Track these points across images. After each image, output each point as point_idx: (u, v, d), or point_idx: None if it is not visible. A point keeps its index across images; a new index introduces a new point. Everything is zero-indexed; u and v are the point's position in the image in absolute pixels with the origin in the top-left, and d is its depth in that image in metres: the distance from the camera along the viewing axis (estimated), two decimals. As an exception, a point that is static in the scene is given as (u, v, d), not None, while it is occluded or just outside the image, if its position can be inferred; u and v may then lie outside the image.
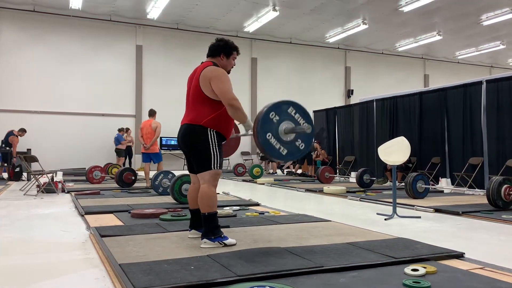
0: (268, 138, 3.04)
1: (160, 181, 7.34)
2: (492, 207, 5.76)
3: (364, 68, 20.58)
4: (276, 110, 3.08)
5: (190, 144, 3.45)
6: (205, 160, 3.36)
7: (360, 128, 11.51)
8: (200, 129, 3.38)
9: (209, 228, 3.35)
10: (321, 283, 2.50)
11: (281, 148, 3.08)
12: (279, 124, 3.08)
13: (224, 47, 3.56)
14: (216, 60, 3.55)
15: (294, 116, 3.11)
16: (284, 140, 3.09)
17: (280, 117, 3.08)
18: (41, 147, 14.46)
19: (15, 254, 3.36)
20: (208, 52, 3.60)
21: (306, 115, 3.19)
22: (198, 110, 3.42)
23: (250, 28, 16.97)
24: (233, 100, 3.27)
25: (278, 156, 3.09)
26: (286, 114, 3.11)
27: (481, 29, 17.14)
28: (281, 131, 3.08)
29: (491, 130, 8.05)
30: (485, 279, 2.58)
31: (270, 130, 3.06)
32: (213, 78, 3.33)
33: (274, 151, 3.08)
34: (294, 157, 3.18)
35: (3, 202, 6.61)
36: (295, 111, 3.12)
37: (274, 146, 3.06)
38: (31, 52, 15.21)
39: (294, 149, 3.14)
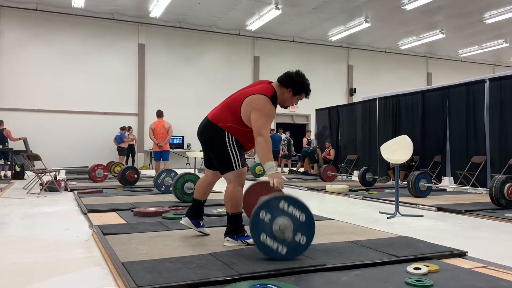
0: (263, 239, 2.85)
1: (163, 180, 7.36)
2: (495, 205, 5.74)
3: (367, 66, 20.54)
4: (266, 208, 2.87)
5: (207, 141, 3.40)
6: (226, 160, 3.30)
7: (362, 127, 11.49)
8: (217, 128, 3.32)
9: (233, 227, 3.34)
10: (324, 281, 2.50)
11: (279, 247, 2.86)
12: (272, 223, 2.86)
13: (298, 84, 3.31)
14: (280, 89, 3.33)
15: (288, 210, 2.87)
16: (280, 237, 2.86)
17: (271, 215, 2.86)
18: (43, 145, 14.51)
19: (18, 253, 3.37)
20: (282, 76, 3.35)
21: (299, 205, 2.90)
22: (225, 114, 3.33)
23: (253, 26, 16.95)
24: (266, 134, 3.09)
25: (279, 256, 2.86)
26: (278, 210, 2.87)
27: (484, 27, 17.08)
28: (276, 230, 2.86)
29: (494, 128, 8.03)
30: (488, 278, 2.57)
31: (263, 231, 2.86)
32: (255, 109, 3.17)
33: (272, 252, 2.86)
34: (297, 253, 2.88)
35: (6, 201, 6.63)
36: (287, 204, 2.88)
37: (271, 247, 2.85)
38: (34, 51, 15.24)
39: (295, 245, 2.88)
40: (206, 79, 17.55)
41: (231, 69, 18.03)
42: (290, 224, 2.88)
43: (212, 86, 17.58)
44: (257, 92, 3.26)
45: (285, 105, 3.44)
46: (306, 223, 2.91)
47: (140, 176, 9.19)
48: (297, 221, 2.89)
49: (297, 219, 2.89)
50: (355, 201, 6.93)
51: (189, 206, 3.75)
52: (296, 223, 2.89)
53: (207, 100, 17.40)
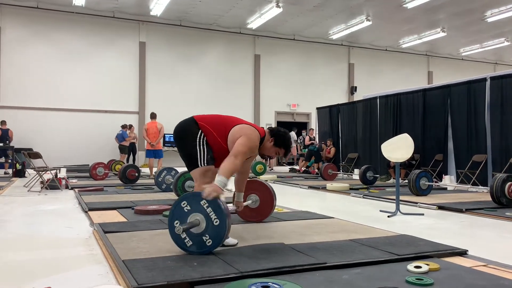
0: (176, 225, 2.97)
1: (164, 178, 7.36)
2: (495, 204, 5.74)
3: (368, 65, 20.51)
4: (189, 200, 2.98)
5: (179, 137, 3.43)
6: (192, 157, 3.32)
7: (363, 125, 11.48)
8: (194, 124, 3.37)
9: None
10: (324, 279, 2.50)
11: (187, 238, 2.97)
12: (189, 215, 2.97)
13: (281, 136, 3.48)
14: (266, 137, 3.48)
15: (206, 209, 2.96)
16: (192, 232, 2.97)
17: (191, 207, 2.98)
18: (44, 143, 14.52)
19: (19, 250, 3.38)
20: (272, 127, 3.59)
21: (219, 210, 2.95)
22: (212, 120, 3.42)
23: (253, 24, 16.94)
24: (238, 159, 3.17)
25: (182, 245, 2.99)
26: (199, 207, 2.96)
27: (485, 25, 17.05)
28: (189, 222, 2.96)
29: (495, 127, 8.02)
30: (488, 276, 2.57)
31: (178, 218, 2.99)
32: (244, 136, 3.28)
33: (179, 240, 2.98)
34: (201, 251, 2.98)
35: (7, 198, 6.64)
36: (207, 204, 2.96)
37: (179, 235, 2.97)
38: (34, 49, 15.24)
39: (201, 243, 2.97)
40: (207, 77, 17.54)
41: (232, 67, 18.02)
42: (203, 223, 2.96)
43: (213, 84, 17.58)
44: (255, 127, 3.44)
45: (263, 152, 3.55)
46: (217, 227, 2.95)
47: (141, 174, 9.20)
48: (211, 223, 2.95)
49: (211, 222, 2.95)
50: (356, 199, 6.94)
51: None
52: (209, 225, 2.95)
53: (208, 98, 17.43)
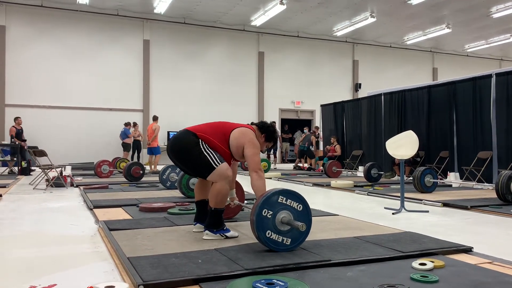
0: (269, 236, 2.95)
1: (168, 175, 7.38)
2: (501, 201, 5.72)
3: (372, 61, 20.43)
4: (267, 206, 2.96)
5: (180, 152, 3.44)
6: (204, 164, 3.36)
7: (368, 122, 11.45)
8: (192, 136, 3.41)
9: (214, 222, 3.41)
10: (329, 276, 2.50)
11: (285, 239, 2.98)
12: (275, 218, 2.97)
13: (271, 133, 3.71)
14: (257, 134, 3.64)
15: (286, 202, 3.00)
16: (284, 231, 2.98)
17: (273, 210, 2.97)
18: (49, 141, 14.58)
19: (25, 247, 3.40)
20: (259, 122, 3.80)
21: (296, 197, 3.05)
22: (208, 130, 3.48)
23: (257, 21, 16.90)
24: (261, 170, 3.36)
25: (285, 248, 2.97)
26: (278, 205, 2.98)
27: (491, 21, 16.92)
28: (279, 223, 2.97)
29: (500, 123, 7.97)
30: (494, 274, 2.56)
31: (268, 228, 2.95)
32: (250, 142, 3.44)
33: (279, 245, 2.97)
34: (299, 242, 3.04)
35: (13, 196, 6.68)
36: (285, 198, 3.00)
37: (277, 241, 2.96)
38: (39, 47, 15.29)
39: (297, 234, 3.02)
40: (211, 74, 17.54)
41: (235, 64, 18.00)
42: (290, 216, 3.01)
43: (217, 82, 17.58)
44: (247, 127, 3.60)
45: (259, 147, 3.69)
46: (303, 211, 3.06)
47: (145, 172, 9.22)
48: (296, 212, 3.03)
49: (295, 210, 3.03)
50: (360, 196, 6.93)
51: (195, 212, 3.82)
52: (295, 214, 3.03)
53: (212, 96, 17.43)
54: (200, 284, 2.38)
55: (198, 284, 2.38)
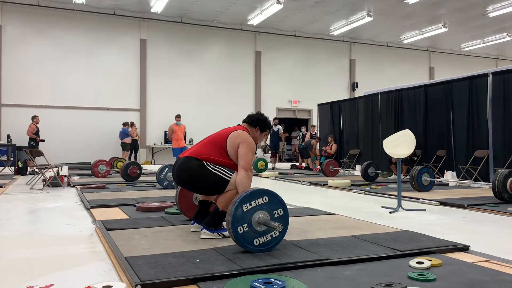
0: (240, 231, 2.91)
1: (165, 175, 7.37)
2: (497, 200, 5.74)
3: (369, 60, 20.46)
4: (248, 201, 2.95)
5: (189, 177, 3.44)
6: (217, 182, 3.36)
7: (365, 121, 11.47)
8: (197, 162, 3.41)
9: (213, 221, 3.40)
10: (326, 275, 2.50)
11: (255, 240, 2.94)
12: (252, 215, 2.94)
13: (263, 122, 3.74)
14: (250, 130, 3.68)
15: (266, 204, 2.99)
16: (258, 230, 2.95)
17: (253, 208, 2.96)
18: (46, 141, 14.51)
19: (22, 248, 3.39)
20: (247, 118, 3.76)
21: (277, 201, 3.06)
22: (206, 150, 3.47)
23: (254, 21, 16.89)
24: (250, 170, 3.38)
25: (253, 248, 2.94)
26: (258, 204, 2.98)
27: (487, 20, 16.98)
28: (255, 222, 2.95)
29: (497, 122, 8.00)
30: (491, 272, 2.57)
31: (243, 222, 2.93)
32: (244, 142, 3.43)
33: (247, 243, 2.92)
34: (267, 248, 2.98)
35: (10, 196, 6.66)
36: (267, 197, 3.00)
37: (247, 238, 2.92)
38: (35, 47, 15.23)
39: (269, 239, 2.99)
40: (208, 74, 17.52)
41: (233, 64, 17.99)
42: (268, 217, 2.99)
43: (214, 81, 17.56)
44: (239, 129, 3.58)
45: (256, 142, 3.74)
46: (282, 217, 3.05)
47: (142, 172, 9.21)
48: (272, 216, 3.01)
49: (272, 214, 3.01)
50: (358, 195, 6.94)
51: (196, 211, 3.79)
52: (272, 218, 3.01)
53: (209, 95, 17.41)
54: (197, 283, 2.38)
55: (196, 284, 2.38)
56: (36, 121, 12.29)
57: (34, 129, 12.17)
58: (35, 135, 12.13)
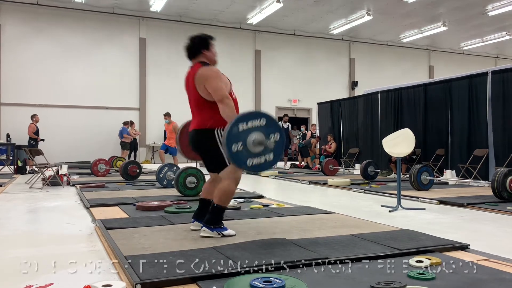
0: (251, 164, 2.92)
1: (165, 174, 7.37)
2: (497, 198, 5.74)
3: (369, 59, 20.47)
4: (232, 141, 2.93)
5: (202, 147, 3.50)
6: (221, 161, 3.39)
7: (364, 120, 11.47)
8: (207, 133, 3.40)
9: (212, 218, 3.39)
10: (326, 274, 2.50)
11: (267, 157, 2.96)
12: (246, 146, 2.93)
13: (201, 42, 3.58)
14: (201, 58, 3.56)
15: (248, 125, 2.96)
16: (262, 151, 2.95)
17: (241, 140, 2.94)
18: (45, 140, 14.52)
19: (22, 247, 3.39)
20: (189, 55, 3.61)
21: (254, 115, 3.03)
22: (202, 115, 3.46)
23: (254, 20, 16.89)
24: (226, 98, 3.26)
25: (271, 164, 2.97)
26: (242, 134, 2.96)
27: (486, 19, 16.99)
28: (253, 148, 2.95)
29: (496, 121, 8.00)
30: (490, 271, 2.57)
31: (247, 157, 2.93)
32: (208, 78, 3.35)
33: (265, 165, 2.96)
34: (281, 152, 3.02)
35: (9, 195, 6.65)
36: (245, 123, 2.96)
37: (261, 163, 2.94)
38: (35, 46, 15.22)
39: (263, 162, 3.00)
40: (208, 73, 17.50)
41: (232, 63, 17.97)
42: (259, 135, 2.98)
43: (214, 80, 17.54)
44: (195, 71, 3.46)
45: (214, 60, 3.67)
46: (268, 124, 3.04)
47: (142, 171, 9.21)
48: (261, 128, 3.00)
49: (261, 127, 3.00)
50: (357, 194, 6.94)
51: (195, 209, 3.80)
52: (263, 130, 3.00)
53: (209, 94, 17.40)
54: (197, 282, 2.37)
55: (196, 283, 2.38)
56: (35, 120, 12.30)
57: (34, 128, 12.18)
58: (35, 135, 12.14)
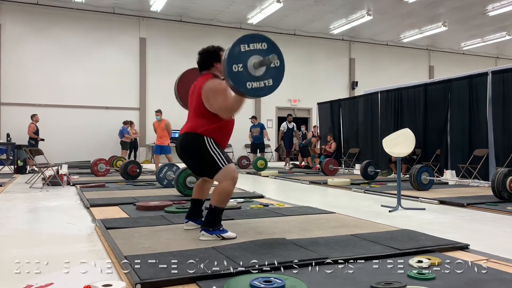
0: (250, 87, 2.92)
1: (165, 174, 7.37)
2: (497, 198, 5.74)
3: (369, 59, 20.46)
4: (233, 61, 2.90)
5: (188, 152, 3.45)
6: (211, 163, 3.35)
7: (364, 120, 11.46)
8: (197, 136, 3.37)
9: (210, 220, 3.37)
10: (326, 274, 2.50)
11: (266, 82, 2.95)
12: (247, 67, 2.92)
13: (212, 54, 3.49)
14: (213, 71, 3.49)
15: (250, 47, 2.95)
16: (261, 75, 2.95)
17: (242, 62, 2.92)
18: (45, 140, 14.53)
19: (22, 246, 3.39)
20: (201, 68, 3.54)
21: (256, 38, 3.02)
22: (197, 120, 3.42)
23: (254, 20, 16.89)
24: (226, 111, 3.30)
25: (270, 89, 2.97)
26: (243, 54, 2.94)
27: (486, 19, 16.98)
28: (253, 70, 2.94)
29: (497, 121, 8.00)
30: (490, 271, 2.57)
31: (246, 80, 2.92)
32: (216, 93, 3.29)
33: (264, 90, 2.96)
34: (281, 77, 3.01)
35: (9, 195, 6.65)
36: (246, 45, 2.94)
37: (260, 87, 2.94)
38: (35, 45, 15.22)
39: (274, 71, 3.00)
40: (208, 73, 17.49)
41: (232, 62, 17.97)
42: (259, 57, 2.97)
43: (214, 80, 17.54)
44: (205, 80, 3.38)
45: None
46: (269, 48, 3.02)
47: (142, 171, 9.21)
48: (263, 52, 2.99)
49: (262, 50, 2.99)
50: (357, 194, 6.94)
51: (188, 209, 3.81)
52: (264, 54, 2.99)
53: (209, 94, 17.38)
54: (197, 282, 2.37)
55: (196, 283, 2.38)
56: (35, 119, 12.30)
57: (34, 128, 12.18)
58: (35, 135, 12.15)
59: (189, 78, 3.92)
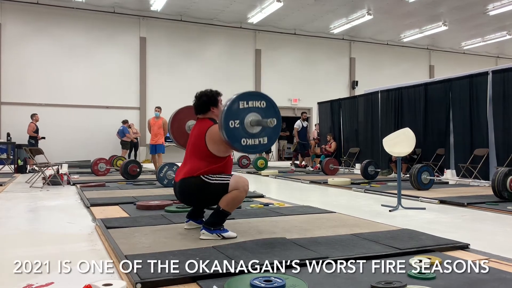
0: (245, 144, 2.95)
1: (165, 173, 7.37)
2: (497, 198, 5.73)
3: (369, 59, 20.45)
4: (231, 117, 2.94)
5: (191, 196, 3.45)
6: (219, 191, 3.34)
7: (364, 120, 11.45)
8: (194, 180, 3.36)
9: (214, 221, 3.37)
10: (326, 273, 2.50)
11: (261, 140, 2.99)
12: (243, 124, 2.96)
13: (210, 99, 3.48)
14: (210, 115, 3.49)
15: (249, 105, 2.98)
16: (257, 133, 2.98)
17: (239, 118, 2.96)
18: (46, 139, 14.52)
19: (22, 246, 3.39)
20: (197, 111, 3.52)
21: (256, 96, 3.06)
22: (195, 162, 3.40)
23: (254, 19, 16.88)
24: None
25: (264, 147, 3.01)
26: (241, 111, 2.98)
27: (487, 19, 16.97)
28: (249, 127, 2.97)
29: (497, 121, 7.99)
30: (490, 270, 2.57)
31: (241, 137, 2.95)
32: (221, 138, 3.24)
33: (258, 147, 3.00)
34: (253, 151, 3.06)
35: (9, 194, 6.66)
36: (245, 101, 2.98)
37: (255, 144, 2.98)
38: (35, 45, 15.22)
39: (270, 131, 3.04)
40: (208, 72, 17.50)
41: (232, 62, 17.98)
42: (257, 116, 3.02)
43: (214, 79, 17.49)
44: (208, 126, 3.39)
45: None
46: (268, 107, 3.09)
47: (142, 170, 9.21)
48: (261, 110, 3.06)
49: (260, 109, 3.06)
50: (357, 194, 6.94)
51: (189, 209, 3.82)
52: (261, 112, 3.06)
53: (209, 94, 17.38)
54: (198, 281, 2.38)
55: (196, 282, 2.38)
56: (35, 119, 12.31)
57: (34, 127, 12.19)
58: (35, 134, 12.16)
59: (185, 114, 4.02)
